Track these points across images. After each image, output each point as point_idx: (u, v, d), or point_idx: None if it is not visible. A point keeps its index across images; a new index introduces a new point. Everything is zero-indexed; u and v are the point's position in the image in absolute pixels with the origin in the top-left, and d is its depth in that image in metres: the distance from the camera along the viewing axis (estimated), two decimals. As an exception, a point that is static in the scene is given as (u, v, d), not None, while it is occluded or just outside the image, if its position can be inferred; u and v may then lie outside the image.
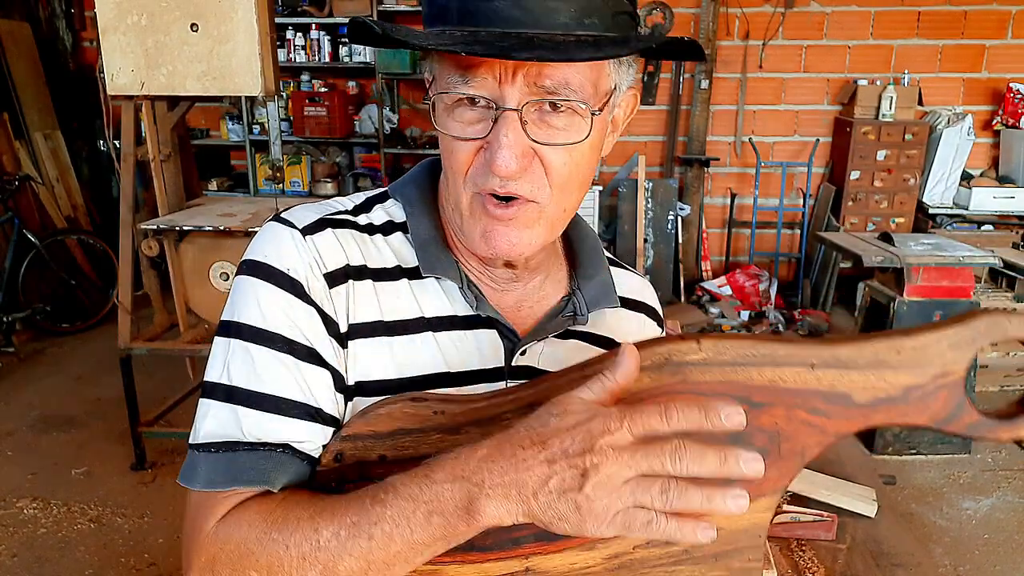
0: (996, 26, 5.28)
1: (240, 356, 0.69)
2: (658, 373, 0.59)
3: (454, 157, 0.70)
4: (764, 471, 0.54)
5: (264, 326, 0.69)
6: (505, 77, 0.65)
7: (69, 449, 3.53)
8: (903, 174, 5.21)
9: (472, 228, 0.72)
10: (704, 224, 5.74)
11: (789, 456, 0.61)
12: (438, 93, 0.69)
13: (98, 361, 4.50)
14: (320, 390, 0.69)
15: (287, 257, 0.71)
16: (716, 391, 0.59)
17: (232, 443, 0.67)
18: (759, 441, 0.60)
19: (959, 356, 0.58)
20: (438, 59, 0.70)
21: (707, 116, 5.54)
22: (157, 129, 3.15)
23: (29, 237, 4.64)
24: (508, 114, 0.66)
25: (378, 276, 0.75)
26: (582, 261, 0.85)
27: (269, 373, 0.68)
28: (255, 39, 2.79)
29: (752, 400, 0.59)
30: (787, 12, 5.34)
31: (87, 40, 5.85)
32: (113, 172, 3.96)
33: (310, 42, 5.51)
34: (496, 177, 0.67)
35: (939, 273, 3.45)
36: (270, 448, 0.66)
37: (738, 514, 0.53)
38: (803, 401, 0.59)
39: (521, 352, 0.78)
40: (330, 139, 5.57)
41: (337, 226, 0.76)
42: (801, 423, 0.60)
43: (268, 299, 0.70)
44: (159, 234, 3.16)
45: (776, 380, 0.59)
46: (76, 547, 2.82)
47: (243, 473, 0.66)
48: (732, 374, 0.59)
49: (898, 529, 2.98)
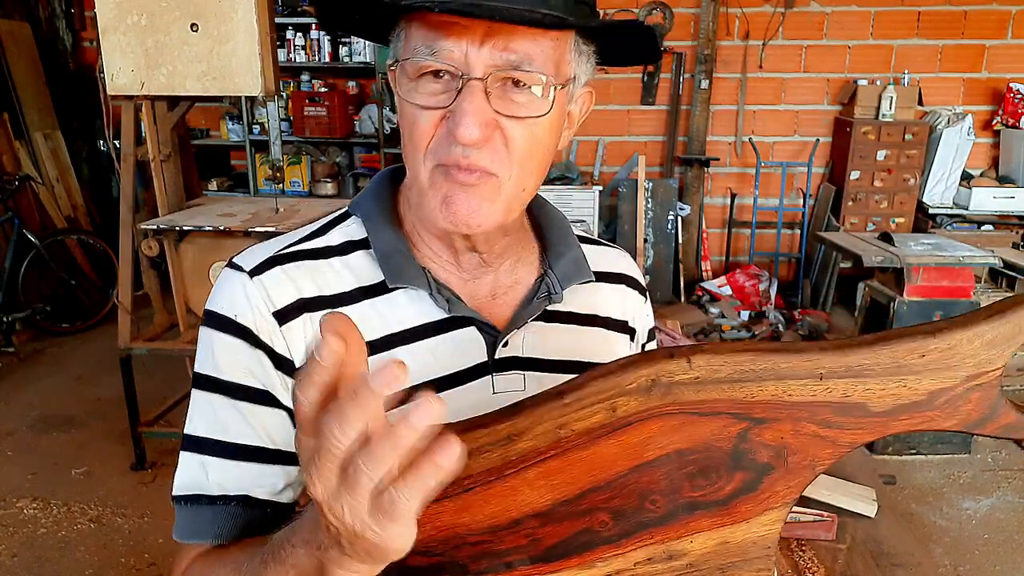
0: (996, 26, 5.28)
1: (202, 408, 0.74)
2: (645, 396, 0.55)
3: (416, 128, 0.70)
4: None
5: (219, 376, 0.73)
6: (472, 46, 0.66)
7: (69, 449, 3.53)
8: (903, 174, 5.21)
9: (431, 199, 0.72)
10: (704, 224, 5.74)
11: (798, 470, 0.57)
12: (401, 61, 0.70)
13: (98, 361, 4.50)
14: (277, 431, 0.73)
15: (235, 303, 0.73)
16: (714, 410, 0.55)
17: (197, 496, 0.72)
18: (763, 456, 0.57)
19: (995, 354, 0.52)
20: (405, 35, 0.71)
21: (707, 116, 5.54)
22: (157, 129, 3.15)
23: (29, 237, 4.64)
24: (473, 83, 0.67)
25: (335, 303, 0.75)
26: (551, 241, 0.86)
27: (228, 422, 0.72)
28: (255, 39, 2.79)
29: (754, 416, 0.55)
30: (787, 12, 5.34)
31: (87, 40, 5.85)
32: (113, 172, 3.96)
33: (310, 42, 5.51)
34: (458, 146, 0.68)
35: (939, 273, 3.45)
36: (229, 501, 0.72)
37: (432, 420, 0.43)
38: (811, 414, 0.55)
39: (503, 344, 0.78)
40: (330, 139, 5.57)
41: (287, 260, 0.76)
42: (810, 436, 0.55)
43: (221, 348, 0.73)
44: (159, 234, 3.16)
45: (780, 394, 0.54)
46: (76, 547, 2.82)
47: (201, 528, 0.72)
48: (730, 391, 0.55)
49: (898, 529, 2.98)
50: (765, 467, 0.57)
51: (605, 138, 5.67)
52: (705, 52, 5.36)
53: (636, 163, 5.33)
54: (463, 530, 0.58)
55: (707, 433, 0.56)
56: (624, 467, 0.57)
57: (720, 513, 0.59)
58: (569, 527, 0.58)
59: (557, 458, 0.57)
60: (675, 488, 0.58)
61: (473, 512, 0.58)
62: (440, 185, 0.71)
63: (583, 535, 0.59)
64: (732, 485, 0.58)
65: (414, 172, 0.73)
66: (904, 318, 3.47)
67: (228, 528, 0.72)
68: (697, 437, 0.56)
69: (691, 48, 5.43)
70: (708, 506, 0.59)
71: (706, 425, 0.56)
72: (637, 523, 0.59)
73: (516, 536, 0.58)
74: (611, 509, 0.58)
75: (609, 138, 5.68)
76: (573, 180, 5.22)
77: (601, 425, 0.56)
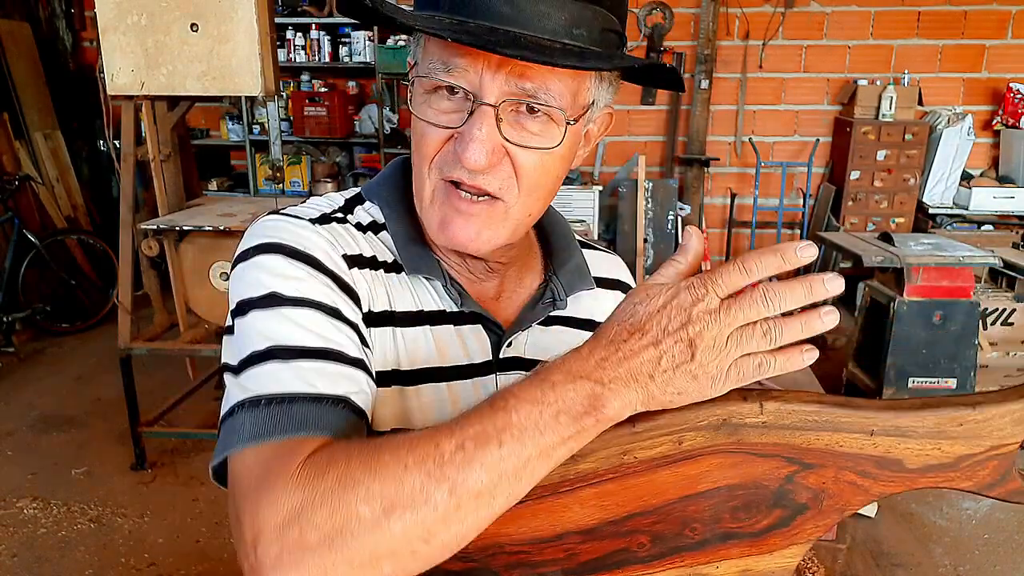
0: (996, 26, 5.28)
1: (275, 320, 0.64)
2: (713, 433, 0.58)
3: (424, 142, 0.70)
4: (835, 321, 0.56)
5: (291, 292, 0.65)
6: (487, 71, 0.66)
7: (69, 449, 3.53)
8: (903, 174, 5.21)
9: (431, 216, 0.73)
10: (704, 224, 5.74)
11: (829, 512, 0.61)
12: (418, 76, 0.70)
13: (98, 361, 4.50)
14: (357, 343, 0.68)
15: (301, 237, 0.69)
16: (772, 452, 0.59)
17: (292, 396, 0.61)
18: (802, 497, 0.60)
19: (1019, 430, 0.58)
20: (424, 42, 0.70)
21: (707, 116, 5.54)
22: (157, 129, 3.15)
23: (29, 237, 4.64)
24: (484, 108, 0.66)
25: (387, 268, 0.76)
26: (555, 247, 0.87)
27: (312, 325, 0.64)
28: (255, 39, 2.79)
29: (805, 461, 0.59)
30: (787, 12, 5.33)
31: (87, 40, 5.85)
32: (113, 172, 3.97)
33: (310, 42, 5.51)
34: (463, 168, 0.68)
35: (939, 273, 3.45)
36: (331, 401, 0.62)
37: (832, 326, 0.55)
38: (855, 464, 0.59)
39: (507, 344, 0.79)
40: (330, 139, 5.57)
41: (339, 222, 0.76)
42: (848, 484, 0.59)
43: (287, 269, 0.66)
44: (159, 234, 3.16)
45: (832, 444, 0.58)
46: (76, 547, 2.82)
47: (307, 420, 0.59)
48: (790, 437, 0.58)
49: (898, 529, 2.98)
50: (802, 507, 0.60)
51: (605, 138, 5.65)
52: (705, 52, 5.36)
53: (636, 163, 5.32)
54: (504, 539, 0.59)
55: (759, 472, 0.60)
56: (675, 495, 0.60)
57: (750, 544, 0.62)
58: (609, 545, 0.60)
59: (614, 481, 0.59)
60: (716, 519, 0.61)
61: (519, 523, 0.59)
62: (440, 205, 0.71)
63: (620, 554, 0.61)
64: (768, 520, 0.61)
65: (419, 182, 0.73)
66: (904, 318, 3.47)
67: (345, 425, 0.61)
68: (749, 475, 0.60)
69: (691, 48, 5.43)
70: (742, 537, 0.61)
71: (761, 465, 0.59)
72: (673, 547, 0.61)
73: (556, 549, 0.60)
74: (652, 532, 0.61)
75: (609, 138, 5.68)
76: (573, 180, 5.22)
77: (664, 456, 0.59)
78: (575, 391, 0.55)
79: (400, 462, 0.54)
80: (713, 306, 0.54)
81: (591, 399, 0.55)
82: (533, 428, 0.54)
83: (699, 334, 0.54)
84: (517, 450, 0.54)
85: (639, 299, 0.57)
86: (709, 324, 0.54)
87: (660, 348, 0.55)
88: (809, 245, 0.54)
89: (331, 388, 0.62)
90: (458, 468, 0.53)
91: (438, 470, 0.53)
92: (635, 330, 0.55)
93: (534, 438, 0.54)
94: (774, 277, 0.56)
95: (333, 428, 0.60)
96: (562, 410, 0.55)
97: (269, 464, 0.57)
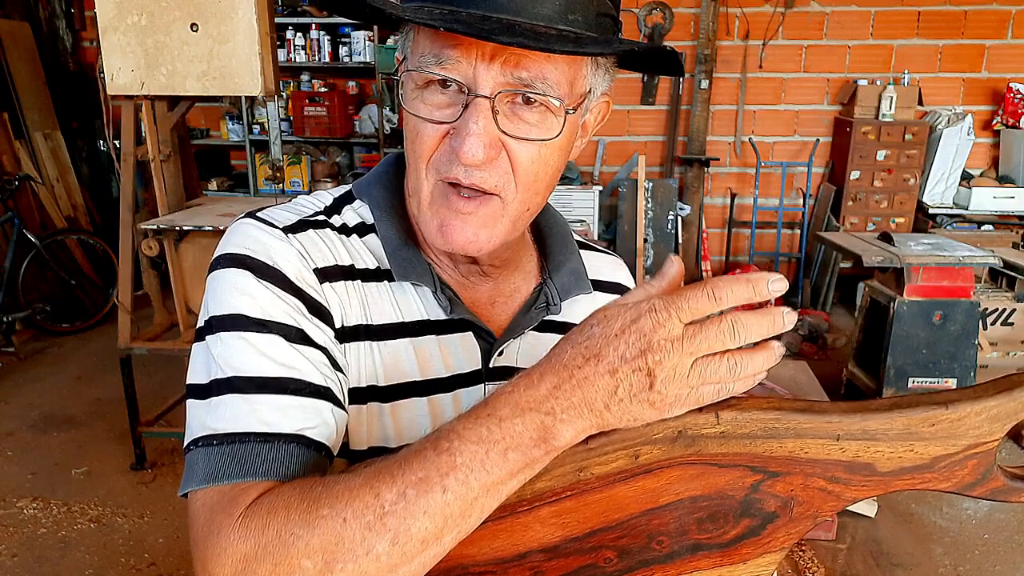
0: (996, 26, 5.28)
1: (236, 346, 0.63)
2: (670, 446, 0.57)
3: (419, 140, 0.68)
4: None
5: (256, 314, 0.64)
6: (481, 62, 0.63)
7: (69, 449, 3.53)
8: (903, 174, 5.21)
9: (430, 220, 0.70)
10: (704, 224, 5.74)
11: (800, 519, 0.59)
12: (408, 71, 0.68)
13: (98, 361, 4.50)
14: (319, 368, 0.65)
15: (271, 250, 0.67)
16: (733, 462, 0.57)
17: (243, 435, 0.60)
18: (771, 506, 0.58)
19: (996, 427, 0.56)
20: (413, 36, 0.68)
21: (707, 116, 5.54)
22: (157, 129, 3.15)
23: (29, 237, 4.64)
24: (480, 101, 0.64)
25: (365, 277, 0.73)
26: (552, 249, 0.84)
27: (274, 353, 0.63)
28: (255, 39, 2.79)
29: (769, 470, 0.57)
30: (787, 12, 5.34)
31: (87, 40, 5.85)
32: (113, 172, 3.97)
33: (310, 42, 5.51)
34: (461, 165, 0.65)
35: (939, 273, 3.45)
36: (284, 439, 0.61)
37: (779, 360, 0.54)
38: (823, 471, 0.57)
39: (499, 352, 0.77)
40: (330, 139, 5.58)
41: (318, 227, 0.73)
42: (818, 490, 0.58)
43: (254, 289, 0.65)
44: (159, 234, 3.16)
45: (797, 451, 0.57)
46: (76, 547, 2.82)
47: (256, 466, 0.59)
48: (751, 446, 0.57)
49: (898, 529, 2.98)
50: (771, 515, 0.59)
51: (605, 138, 5.67)
52: (705, 52, 5.36)
53: (636, 163, 5.32)
54: (467, 560, 0.58)
55: (722, 483, 0.58)
56: (637, 510, 0.58)
57: (721, 555, 0.60)
58: (575, 562, 0.59)
59: (573, 499, 0.57)
60: (683, 531, 0.59)
61: (480, 545, 0.58)
62: (439, 208, 0.69)
63: (587, 570, 0.60)
64: (737, 530, 0.59)
65: (416, 183, 0.70)
66: (904, 318, 3.47)
67: (293, 467, 0.60)
68: (712, 486, 0.58)
69: (691, 48, 5.43)
70: (711, 548, 0.60)
71: (723, 476, 0.58)
72: (640, 560, 0.60)
73: (520, 569, 0.59)
74: (618, 547, 0.59)
75: (609, 138, 5.68)
76: (573, 180, 5.22)
77: (621, 471, 0.57)
78: (524, 425, 0.54)
79: (339, 516, 0.53)
80: (676, 334, 0.52)
81: (541, 431, 0.54)
82: (479, 468, 0.53)
83: (659, 363, 0.51)
84: (463, 493, 0.53)
85: (596, 320, 0.54)
86: (670, 353, 0.51)
87: (616, 377, 0.52)
88: (781, 279, 0.52)
89: (285, 425, 0.62)
90: (401, 518, 0.53)
91: (379, 522, 0.53)
92: (591, 356, 0.53)
93: (481, 478, 0.54)
94: None
95: (280, 471, 0.60)
96: (510, 447, 0.54)
97: (215, 509, 0.57)
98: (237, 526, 0.55)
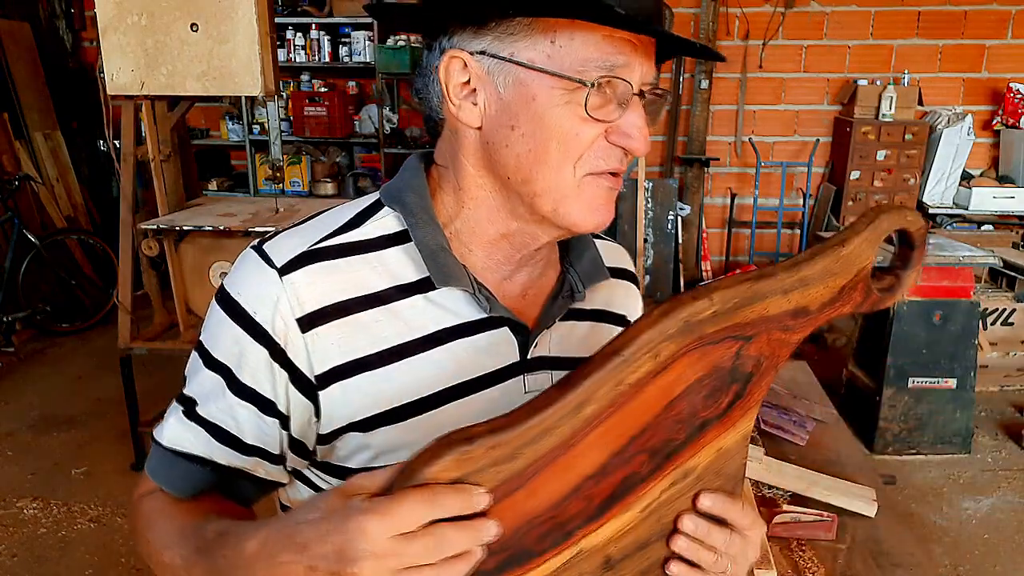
0: (996, 26, 5.28)
1: (203, 381, 0.74)
2: (681, 337, 0.61)
3: (575, 140, 0.68)
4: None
5: (225, 362, 0.72)
6: (637, 58, 0.67)
7: (69, 449, 3.53)
8: (903, 174, 5.21)
9: (579, 205, 0.71)
10: (704, 224, 5.74)
11: (768, 371, 0.67)
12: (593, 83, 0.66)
13: (98, 361, 4.50)
14: (269, 436, 0.73)
15: (257, 300, 0.70)
16: (722, 336, 0.63)
17: (179, 452, 0.74)
18: (748, 367, 0.66)
19: (871, 250, 0.67)
20: (560, 40, 0.66)
21: (707, 116, 5.54)
22: (157, 129, 3.15)
23: (29, 237, 4.64)
24: (637, 99, 0.68)
25: (368, 304, 0.72)
26: (572, 239, 0.84)
27: (225, 410, 0.73)
28: (255, 39, 2.79)
29: (745, 335, 0.64)
30: (787, 12, 5.34)
31: (87, 40, 5.85)
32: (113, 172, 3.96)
33: (310, 42, 5.51)
34: (625, 157, 0.71)
35: (939, 273, 3.45)
36: (205, 464, 0.73)
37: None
38: (778, 323, 0.65)
39: (534, 344, 0.78)
40: (330, 139, 5.57)
41: (322, 257, 0.72)
42: (776, 341, 0.66)
43: (232, 340, 0.71)
44: (159, 234, 3.16)
45: (762, 312, 0.64)
46: (76, 547, 2.82)
47: (170, 479, 0.75)
48: (733, 318, 0.63)
49: (898, 529, 2.97)
50: (749, 376, 0.66)
51: (605, 138, 5.67)
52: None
53: (636, 163, 5.32)
54: (530, 514, 0.59)
55: (716, 357, 0.64)
56: (660, 406, 0.62)
57: (719, 424, 0.66)
58: (618, 475, 0.62)
59: (614, 415, 0.60)
60: (694, 412, 0.64)
61: (538, 496, 0.59)
62: (593, 193, 0.71)
63: (627, 480, 0.63)
64: (729, 397, 0.66)
65: (554, 182, 0.70)
66: (904, 318, 3.47)
67: (191, 486, 0.74)
68: (710, 363, 0.64)
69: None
70: (712, 420, 0.66)
71: (716, 351, 0.64)
72: (666, 455, 0.64)
73: (577, 501, 0.61)
74: (648, 449, 0.63)
75: (609, 138, 5.67)
76: (573, 180, 5.22)
77: (648, 373, 0.60)
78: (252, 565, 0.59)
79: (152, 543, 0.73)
80: (378, 548, 0.51)
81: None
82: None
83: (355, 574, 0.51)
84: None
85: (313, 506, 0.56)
86: (369, 565, 0.51)
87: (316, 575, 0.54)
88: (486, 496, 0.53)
89: (216, 457, 0.74)
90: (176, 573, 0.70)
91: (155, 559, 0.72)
92: (298, 547, 0.54)
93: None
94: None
95: (183, 489, 0.75)
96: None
97: (139, 480, 0.79)
98: (133, 501, 0.79)
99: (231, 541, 0.61)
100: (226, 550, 0.61)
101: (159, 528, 0.72)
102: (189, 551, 0.67)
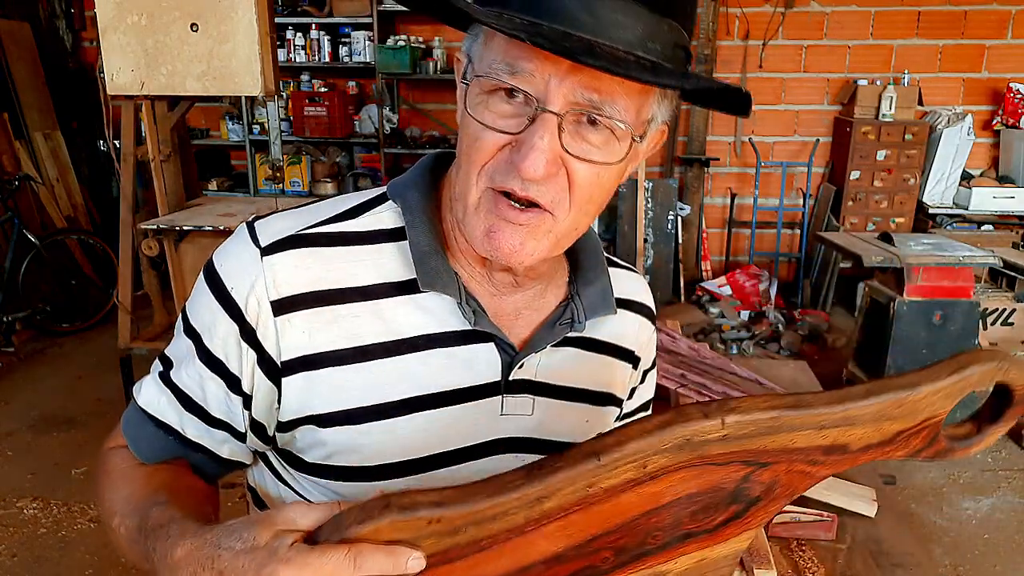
0: (996, 26, 5.28)
1: (181, 348, 0.75)
2: (676, 453, 0.57)
3: (476, 147, 0.66)
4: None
5: (201, 335, 0.73)
6: (555, 78, 0.62)
7: (69, 449, 3.52)
8: (903, 174, 5.21)
9: (475, 225, 0.68)
10: (704, 224, 5.74)
11: (779, 499, 0.62)
12: (477, 76, 0.65)
13: (98, 361, 4.50)
14: (235, 411, 0.73)
15: (235, 276, 0.71)
16: (730, 459, 0.59)
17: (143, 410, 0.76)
18: (756, 491, 0.61)
19: (948, 403, 0.60)
20: (484, 39, 0.66)
21: (707, 116, 5.54)
22: (157, 129, 3.15)
23: (29, 237, 4.64)
24: (548, 116, 0.63)
25: (349, 297, 0.71)
26: (583, 265, 0.82)
27: (196, 380, 0.74)
28: (255, 39, 2.79)
29: (760, 461, 0.59)
30: (787, 12, 5.34)
31: (87, 40, 5.85)
32: (113, 172, 3.97)
33: (310, 42, 5.51)
34: (518, 178, 0.64)
35: (939, 273, 3.45)
36: (172, 432, 0.75)
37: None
38: (806, 456, 0.60)
39: (519, 366, 0.76)
40: (330, 139, 5.57)
41: (309, 243, 0.71)
42: (798, 472, 0.61)
43: (210, 313, 0.72)
44: (159, 234, 3.16)
45: (787, 443, 0.59)
46: (76, 547, 2.82)
47: (138, 440, 0.77)
48: (747, 444, 0.58)
49: (898, 529, 2.98)
50: (755, 499, 0.61)
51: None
52: (705, 52, 5.36)
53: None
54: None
55: (718, 478, 0.60)
56: (638, 512, 0.59)
57: (707, 538, 0.63)
58: (574, 566, 0.60)
59: (580, 512, 0.57)
60: (677, 523, 0.61)
61: (485, 567, 0.57)
62: (486, 214, 0.68)
63: (584, 571, 0.60)
64: (725, 516, 0.62)
65: (463, 188, 0.69)
66: (904, 318, 3.47)
67: (156, 452, 0.76)
68: (709, 482, 0.60)
69: (691, 48, 5.42)
70: (700, 534, 0.62)
71: (719, 472, 0.59)
72: (635, 555, 0.61)
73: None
74: (616, 547, 0.60)
75: (609, 138, 5.67)
76: (573, 180, 5.21)
77: (628, 480, 0.57)
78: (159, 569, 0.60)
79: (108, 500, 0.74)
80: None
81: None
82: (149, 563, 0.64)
83: None
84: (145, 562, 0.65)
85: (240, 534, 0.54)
86: None
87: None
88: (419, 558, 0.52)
89: (182, 428, 0.75)
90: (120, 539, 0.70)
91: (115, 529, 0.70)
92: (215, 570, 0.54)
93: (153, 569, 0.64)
94: None
95: (148, 454, 0.76)
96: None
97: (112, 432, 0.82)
98: (101, 452, 0.81)
99: (165, 540, 0.60)
100: (159, 544, 0.61)
101: (117, 491, 0.73)
102: (133, 527, 0.67)
